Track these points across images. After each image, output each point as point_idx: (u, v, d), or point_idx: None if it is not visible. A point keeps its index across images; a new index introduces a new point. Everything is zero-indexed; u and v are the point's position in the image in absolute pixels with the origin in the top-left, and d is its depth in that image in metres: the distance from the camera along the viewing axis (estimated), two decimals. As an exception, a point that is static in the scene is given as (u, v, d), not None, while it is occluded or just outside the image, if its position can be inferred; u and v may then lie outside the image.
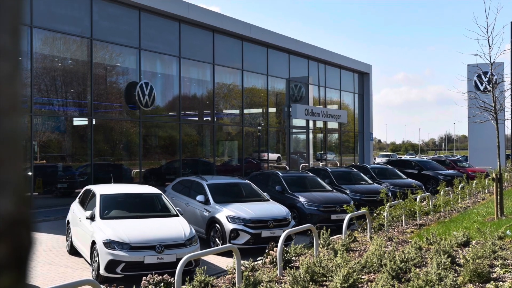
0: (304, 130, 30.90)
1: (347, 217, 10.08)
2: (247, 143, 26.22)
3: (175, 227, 8.70)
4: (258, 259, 8.75)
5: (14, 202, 0.74)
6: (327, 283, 6.94)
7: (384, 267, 7.06)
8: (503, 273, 7.28)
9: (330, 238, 9.77)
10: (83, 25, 17.62)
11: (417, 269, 7.32)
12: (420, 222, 12.70)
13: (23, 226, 0.76)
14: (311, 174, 16.25)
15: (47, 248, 10.55)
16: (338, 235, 10.99)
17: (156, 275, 6.88)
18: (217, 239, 10.67)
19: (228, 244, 9.21)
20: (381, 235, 10.54)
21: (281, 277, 7.45)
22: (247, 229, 10.36)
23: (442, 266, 7.03)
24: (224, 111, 26.03)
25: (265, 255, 8.53)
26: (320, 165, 30.07)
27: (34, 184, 15.94)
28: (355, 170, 19.07)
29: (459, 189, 17.27)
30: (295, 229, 8.78)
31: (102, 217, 8.83)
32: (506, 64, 21.89)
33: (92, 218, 8.84)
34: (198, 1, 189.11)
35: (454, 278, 6.41)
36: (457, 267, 7.62)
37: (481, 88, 29.10)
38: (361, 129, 36.71)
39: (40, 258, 9.56)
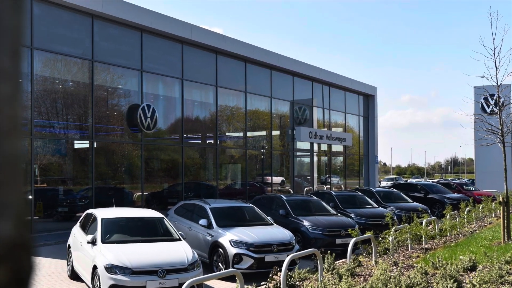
0: (308, 153, 30.84)
1: (352, 241, 9.97)
2: (250, 166, 26.15)
3: (177, 251, 8.62)
4: (261, 284, 8.62)
5: (14, 226, 0.74)
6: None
7: (390, 292, 6.93)
8: (512, 299, 7.14)
9: (335, 262, 9.65)
10: (84, 47, 17.60)
11: (424, 295, 7.18)
12: (426, 246, 12.55)
13: (23, 250, 0.75)
14: (315, 197, 16.20)
15: (48, 273, 10.44)
16: (343, 260, 10.86)
17: (158, 300, 6.78)
18: (220, 264, 10.56)
19: (231, 269, 9.10)
20: (386, 260, 10.40)
21: (286, 303, 7.32)
22: (250, 253, 10.25)
23: (450, 292, 6.90)
24: (227, 134, 26.00)
25: (268, 279, 8.41)
26: (325, 189, 29.91)
27: (35, 208, 15.79)
28: (360, 193, 19.01)
29: (465, 213, 17.12)
30: (299, 253, 8.68)
31: (104, 241, 8.76)
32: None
33: (93, 242, 8.77)
34: (200, 23, 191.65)
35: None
36: (464, 292, 7.48)
37: (488, 110, 29.10)
38: (366, 152, 36.52)
39: (41, 283, 9.46)
